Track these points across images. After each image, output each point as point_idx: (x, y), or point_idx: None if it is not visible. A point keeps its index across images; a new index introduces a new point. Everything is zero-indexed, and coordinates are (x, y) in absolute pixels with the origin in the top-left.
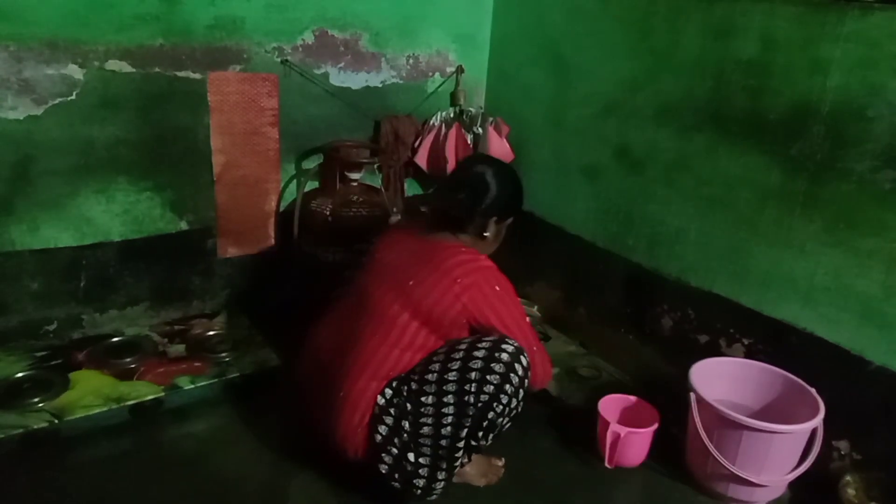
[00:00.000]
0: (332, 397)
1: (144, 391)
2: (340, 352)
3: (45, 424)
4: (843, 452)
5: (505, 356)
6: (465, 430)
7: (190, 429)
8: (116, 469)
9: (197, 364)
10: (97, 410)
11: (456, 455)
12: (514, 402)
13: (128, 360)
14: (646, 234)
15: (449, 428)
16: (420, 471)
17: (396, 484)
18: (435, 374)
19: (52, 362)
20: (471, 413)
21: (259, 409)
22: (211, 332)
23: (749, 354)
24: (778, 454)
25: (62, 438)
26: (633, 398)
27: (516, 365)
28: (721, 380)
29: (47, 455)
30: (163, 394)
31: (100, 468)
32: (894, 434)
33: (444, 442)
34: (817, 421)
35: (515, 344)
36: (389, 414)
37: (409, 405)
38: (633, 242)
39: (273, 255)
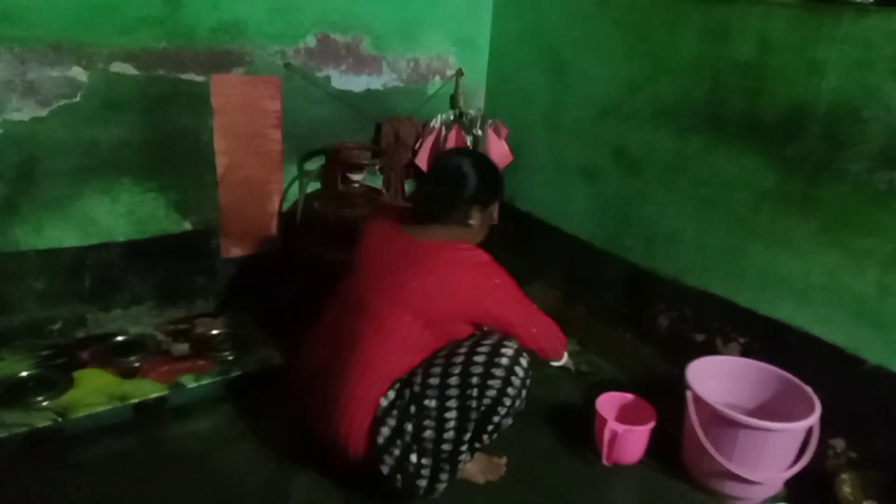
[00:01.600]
0: (332, 402)
1: (148, 390)
2: (338, 356)
3: (49, 423)
4: (838, 450)
5: (505, 360)
6: (468, 434)
7: (193, 427)
8: (120, 467)
9: (200, 363)
10: (101, 409)
11: (459, 458)
12: (518, 402)
13: (131, 358)
14: (643, 234)
15: (452, 432)
16: (422, 471)
17: (398, 485)
18: (437, 379)
19: (57, 361)
20: (473, 417)
21: (262, 408)
22: (214, 332)
23: (745, 353)
24: (774, 452)
25: (66, 437)
26: (630, 396)
27: (516, 368)
28: (718, 378)
29: (51, 453)
30: (166, 392)
31: (103, 466)
32: (890, 432)
33: (446, 446)
34: (813, 419)
35: (515, 346)
36: (392, 416)
37: (412, 407)
38: (630, 242)
39: (276, 256)
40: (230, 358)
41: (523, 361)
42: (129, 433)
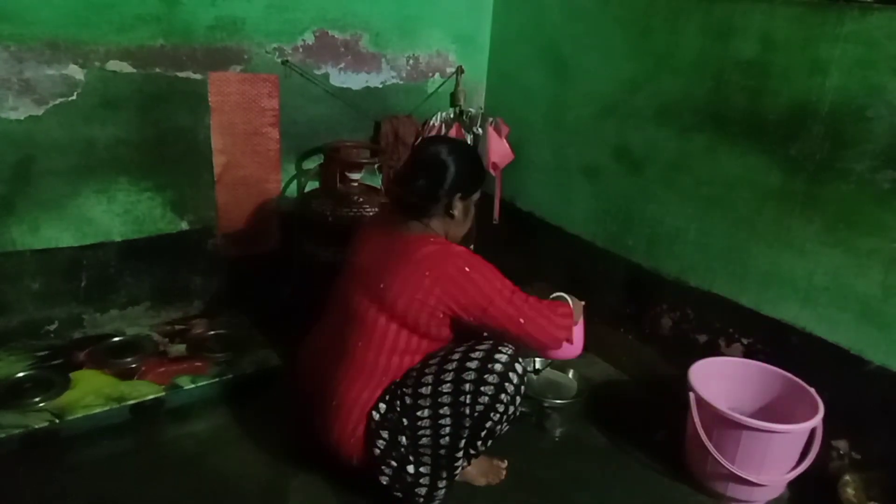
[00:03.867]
0: (326, 405)
1: (145, 391)
2: (331, 359)
3: (45, 424)
4: (842, 452)
5: (498, 367)
6: (463, 441)
7: (190, 428)
8: (117, 468)
9: (197, 364)
10: (98, 410)
11: (455, 463)
12: (511, 408)
13: (128, 359)
14: (645, 234)
15: (447, 438)
16: (421, 480)
17: (398, 494)
18: (429, 388)
19: (53, 362)
20: (467, 424)
21: (259, 409)
22: (211, 332)
23: (748, 354)
24: (777, 454)
25: (63, 438)
26: None
27: (510, 374)
28: (720, 380)
29: (48, 454)
30: (163, 393)
31: (100, 467)
32: (893, 434)
33: (443, 451)
34: (816, 420)
35: (509, 352)
36: (385, 428)
37: (404, 420)
38: (632, 242)
39: (274, 255)
40: (227, 359)
41: (518, 368)
42: (126, 434)
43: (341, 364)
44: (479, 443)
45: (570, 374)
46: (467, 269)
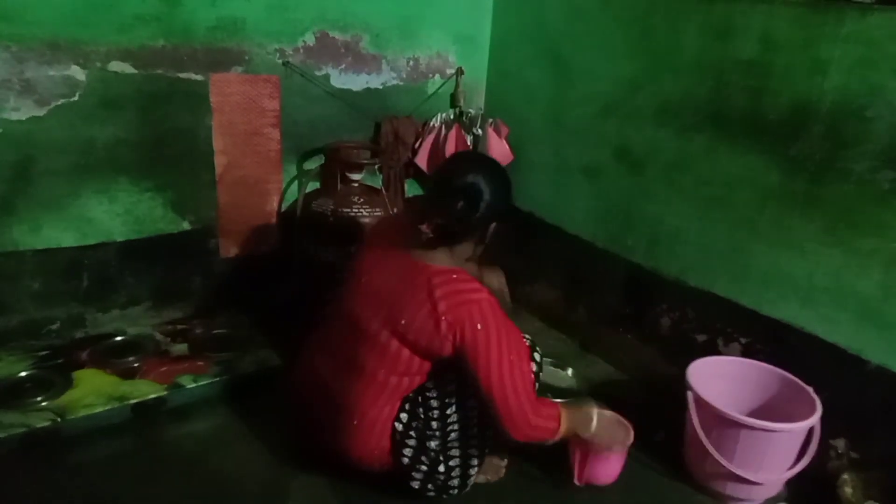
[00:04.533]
0: (346, 424)
1: (146, 390)
2: (345, 377)
3: (47, 423)
4: (840, 451)
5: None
6: (490, 428)
7: (191, 428)
8: (118, 468)
9: (199, 363)
10: (99, 409)
11: (485, 450)
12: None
13: (130, 359)
14: (645, 233)
15: (475, 429)
16: (452, 474)
17: (431, 494)
18: (454, 384)
19: (55, 362)
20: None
21: (260, 409)
22: (213, 332)
23: (747, 354)
24: (776, 453)
25: (64, 437)
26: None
27: (533, 354)
28: (719, 379)
29: (49, 454)
30: (165, 393)
31: (101, 467)
32: (892, 433)
33: (474, 441)
34: (814, 420)
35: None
36: (411, 437)
37: (433, 423)
38: (632, 242)
39: (274, 256)
40: (228, 359)
41: (535, 356)
42: (128, 434)
43: (358, 383)
44: None
45: (570, 374)
46: (479, 326)
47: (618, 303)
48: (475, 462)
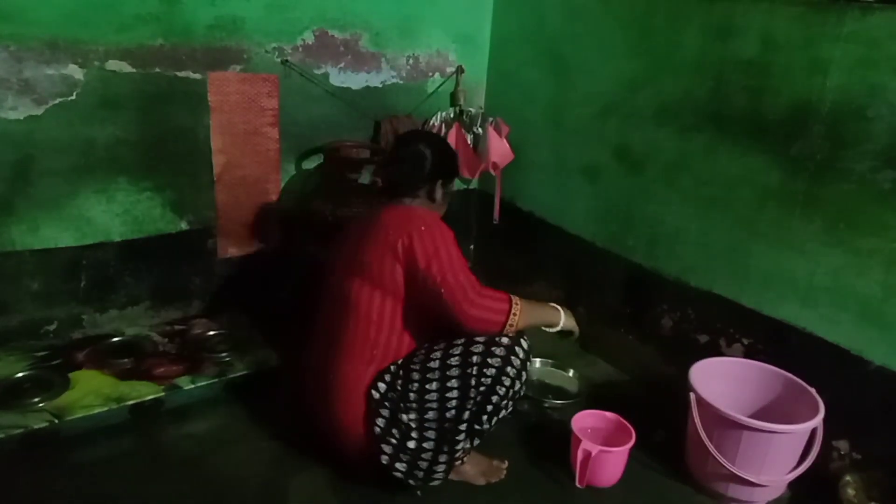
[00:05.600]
0: (326, 390)
1: (144, 391)
2: (327, 347)
3: (45, 424)
4: (842, 452)
5: (505, 339)
6: (468, 412)
7: (190, 428)
8: (116, 469)
9: (197, 364)
10: (97, 410)
11: (458, 438)
12: (518, 384)
13: (128, 359)
14: (645, 234)
15: (453, 412)
16: (422, 455)
17: (399, 473)
18: (437, 362)
19: (53, 362)
20: (472, 395)
21: (259, 409)
22: (211, 332)
23: (749, 354)
24: (778, 454)
25: (62, 438)
26: (610, 415)
27: (516, 348)
28: (721, 380)
29: (47, 455)
30: (163, 393)
31: (100, 468)
32: (894, 434)
33: (447, 425)
34: (817, 421)
35: (511, 335)
36: (385, 407)
37: (411, 395)
38: (632, 242)
39: (273, 255)
40: (227, 359)
41: (523, 344)
42: (126, 435)
43: (335, 346)
44: (485, 417)
45: (571, 375)
46: (423, 227)
47: (618, 303)
48: (447, 449)
